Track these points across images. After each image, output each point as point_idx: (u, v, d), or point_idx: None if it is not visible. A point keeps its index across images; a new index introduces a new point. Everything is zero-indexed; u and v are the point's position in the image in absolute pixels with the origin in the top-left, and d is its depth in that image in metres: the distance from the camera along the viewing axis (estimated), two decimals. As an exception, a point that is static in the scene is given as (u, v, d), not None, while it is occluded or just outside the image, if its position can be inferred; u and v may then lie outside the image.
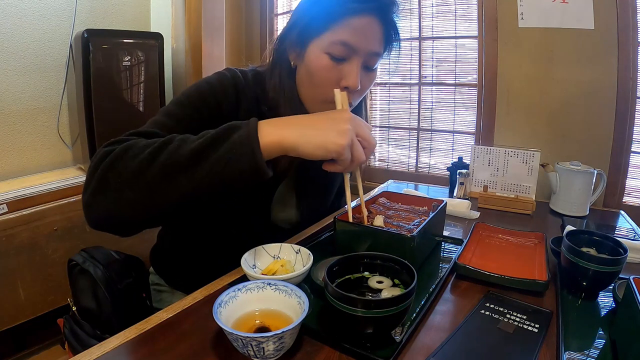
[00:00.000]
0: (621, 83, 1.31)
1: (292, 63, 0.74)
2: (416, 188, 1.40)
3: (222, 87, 0.73)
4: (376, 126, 1.97)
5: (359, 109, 0.84)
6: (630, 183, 1.37)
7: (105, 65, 1.58)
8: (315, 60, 0.69)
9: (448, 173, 1.35)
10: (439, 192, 1.36)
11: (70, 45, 1.67)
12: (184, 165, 0.53)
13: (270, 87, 0.75)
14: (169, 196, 0.54)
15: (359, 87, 0.70)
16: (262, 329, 0.51)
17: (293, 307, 0.52)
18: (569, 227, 0.92)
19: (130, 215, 0.55)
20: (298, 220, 0.89)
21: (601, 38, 1.31)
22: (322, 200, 0.96)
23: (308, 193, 0.88)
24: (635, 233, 0.99)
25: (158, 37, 1.74)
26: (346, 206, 0.75)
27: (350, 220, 0.73)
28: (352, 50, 0.67)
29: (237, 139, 0.54)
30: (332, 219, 0.76)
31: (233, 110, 0.73)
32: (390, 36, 0.72)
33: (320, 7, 0.68)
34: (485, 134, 1.60)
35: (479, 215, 1.09)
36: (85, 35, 1.51)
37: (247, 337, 0.44)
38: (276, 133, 0.56)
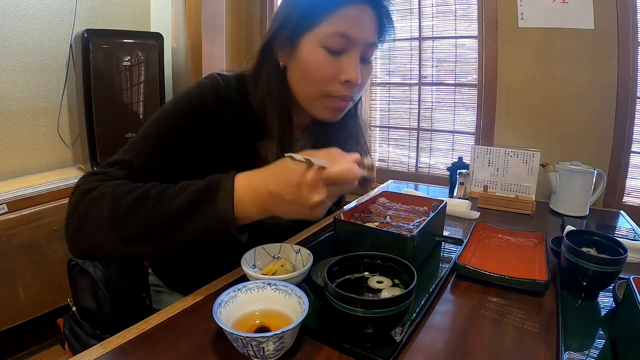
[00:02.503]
0: (621, 83, 1.31)
1: (281, 64, 0.71)
2: (416, 188, 1.40)
3: (202, 99, 0.70)
4: (376, 126, 1.97)
5: (355, 108, 0.82)
6: (630, 183, 1.37)
7: (105, 65, 1.58)
8: (310, 55, 0.67)
9: (448, 173, 1.35)
10: (439, 192, 1.36)
11: (70, 45, 1.67)
12: (160, 229, 0.56)
13: (257, 93, 0.72)
14: (144, 251, 0.58)
15: (360, 81, 0.68)
16: (262, 329, 0.51)
17: (293, 307, 0.52)
18: (569, 227, 0.92)
19: (111, 256, 0.60)
20: (289, 223, 0.88)
21: (601, 38, 1.31)
22: None
23: None
24: (635, 233, 0.99)
25: (158, 37, 1.75)
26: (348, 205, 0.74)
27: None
28: (349, 41, 0.65)
29: (213, 210, 0.55)
30: (332, 219, 0.76)
31: (214, 121, 0.71)
32: (384, 25, 0.70)
33: (310, 1, 0.66)
34: (485, 134, 1.60)
35: (479, 215, 1.09)
36: (85, 35, 1.51)
37: (247, 337, 0.44)
38: (254, 204, 0.56)
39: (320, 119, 0.74)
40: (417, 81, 1.81)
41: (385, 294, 0.54)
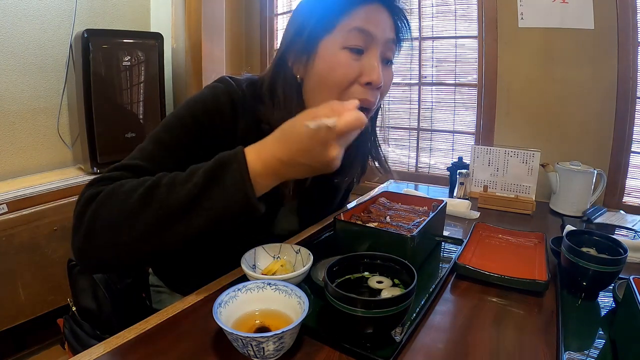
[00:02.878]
0: (621, 83, 1.31)
1: (298, 77, 0.70)
2: (416, 188, 1.40)
3: (216, 104, 0.68)
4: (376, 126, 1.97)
5: (375, 115, 0.80)
6: (630, 183, 1.37)
7: (105, 65, 1.58)
8: (330, 59, 0.65)
9: (448, 173, 1.35)
10: (439, 192, 1.36)
11: (70, 45, 1.67)
12: (177, 215, 0.53)
13: (273, 107, 0.70)
14: (163, 243, 0.54)
15: (382, 83, 0.67)
16: (262, 329, 0.51)
17: (293, 307, 0.52)
18: (569, 227, 0.92)
19: (124, 259, 0.56)
20: (299, 228, 0.89)
21: (601, 38, 1.31)
22: (324, 209, 0.95)
23: (311, 203, 0.87)
24: (636, 233, 0.99)
25: (158, 37, 1.75)
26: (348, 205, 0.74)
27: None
28: (369, 37, 0.65)
29: (229, 184, 0.53)
30: (332, 219, 0.76)
31: (229, 127, 0.69)
32: (399, 24, 0.70)
33: (324, 5, 0.67)
34: (485, 134, 1.60)
35: (479, 215, 1.09)
36: (85, 35, 1.51)
37: (247, 337, 0.44)
38: (268, 174, 0.55)
39: None
40: (417, 81, 1.81)
41: (385, 294, 0.54)
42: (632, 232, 1.01)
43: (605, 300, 0.65)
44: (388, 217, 0.82)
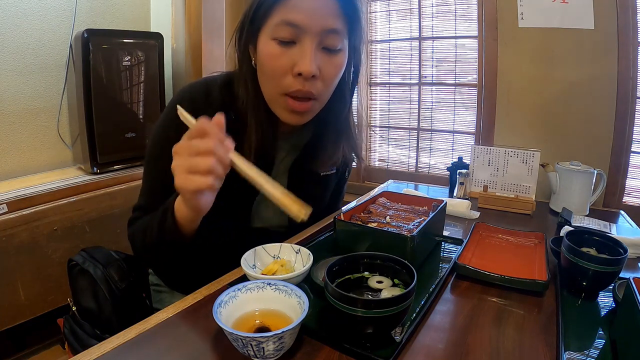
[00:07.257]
0: (621, 83, 1.31)
1: (253, 62, 0.70)
2: (416, 188, 1.40)
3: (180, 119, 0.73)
4: (376, 126, 1.97)
5: (340, 112, 0.78)
6: (630, 183, 1.37)
7: (105, 65, 1.58)
8: (263, 49, 0.65)
9: (448, 173, 1.35)
10: (439, 192, 1.36)
11: (70, 45, 1.67)
12: (158, 249, 0.69)
13: (238, 93, 0.72)
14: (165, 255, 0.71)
15: (315, 73, 0.64)
16: (262, 329, 0.51)
17: (293, 307, 0.52)
18: (567, 227, 0.92)
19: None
20: (288, 224, 0.87)
21: (601, 38, 1.32)
22: (315, 204, 0.94)
23: (299, 198, 0.86)
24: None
25: (158, 37, 1.75)
26: (343, 208, 0.75)
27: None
28: (300, 30, 0.62)
29: (170, 235, 0.65)
30: (332, 219, 0.76)
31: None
32: (347, 8, 0.65)
33: None
34: (485, 134, 1.60)
35: (479, 215, 1.09)
36: (85, 35, 1.51)
37: (247, 337, 0.44)
38: (183, 220, 0.63)
39: (285, 122, 0.72)
40: (417, 81, 1.81)
41: (385, 294, 0.54)
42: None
43: (605, 300, 0.65)
44: (388, 217, 0.82)
